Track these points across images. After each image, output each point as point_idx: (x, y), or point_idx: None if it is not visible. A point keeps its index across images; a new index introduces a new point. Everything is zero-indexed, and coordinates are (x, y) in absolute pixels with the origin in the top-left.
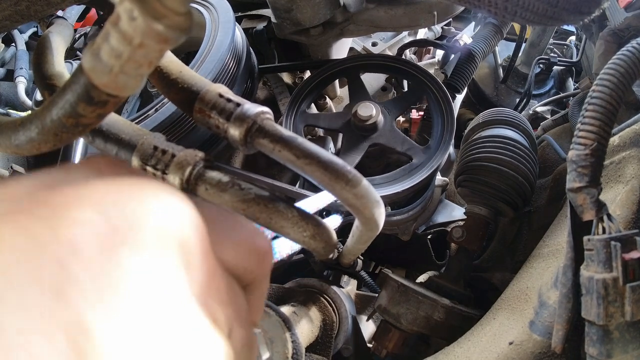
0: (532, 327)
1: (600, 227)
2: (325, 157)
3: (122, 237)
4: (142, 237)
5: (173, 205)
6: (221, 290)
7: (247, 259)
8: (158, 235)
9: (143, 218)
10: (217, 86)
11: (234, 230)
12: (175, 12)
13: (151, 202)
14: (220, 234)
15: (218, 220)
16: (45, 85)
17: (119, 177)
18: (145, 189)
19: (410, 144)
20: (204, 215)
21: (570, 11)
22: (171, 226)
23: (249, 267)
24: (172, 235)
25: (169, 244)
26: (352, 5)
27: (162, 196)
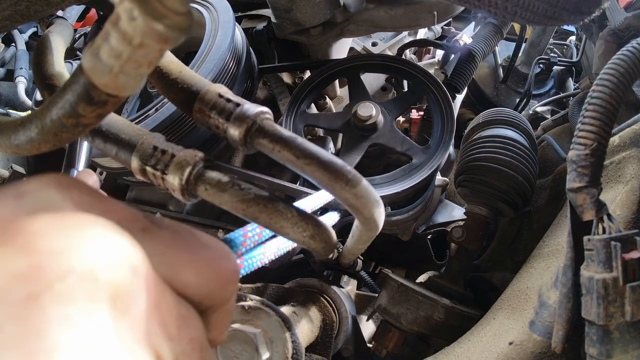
0: (532, 327)
1: (600, 227)
2: (325, 157)
3: (48, 287)
4: (68, 286)
5: (108, 247)
6: (167, 324)
7: (207, 283)
8: (86, 283)
9: (72, 265)
10: (216, 86)
11: (195, 253)
12: (175, 12)
13: (84, 245)
14: (179, 257)
15: (178, 243)
16: (45, 85)
17: (61, 213)
18: (83, 229)
19: (410, 144)
20: (161, 237)
21: (570, 11)
22: (102, 271)
23: (209, 292)
24: (102, 281)
25: (98, 291)
26: (352, 5)
27: (99, 237)
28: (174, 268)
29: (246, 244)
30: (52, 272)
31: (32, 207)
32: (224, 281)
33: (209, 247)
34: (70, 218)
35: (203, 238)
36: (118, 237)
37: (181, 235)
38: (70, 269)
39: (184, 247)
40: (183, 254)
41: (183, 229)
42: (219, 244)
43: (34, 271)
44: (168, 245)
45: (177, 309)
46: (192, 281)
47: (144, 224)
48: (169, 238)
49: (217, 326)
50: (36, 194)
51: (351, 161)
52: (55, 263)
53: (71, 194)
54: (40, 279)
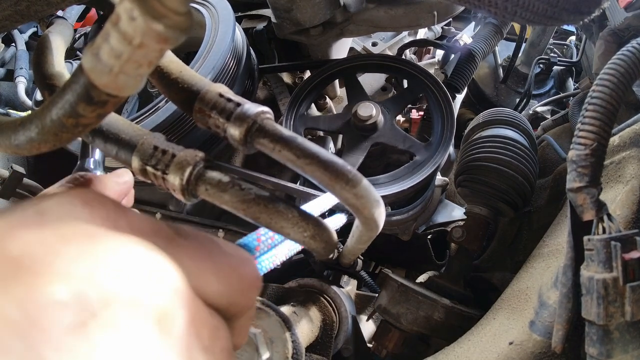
0: (532, 327)
1: (600, 227)
2: (326, 157)
3: (93, 314)
4: (113, 313)
5: (147, 269)
6: (203, 337)
7: (232, 290)
8: (131, 309)
9: (115, 291)
10: (217, 86)
11: (218, 262)
12: (175, 12)
13: (125, 269)
14: (204, 267)
15: (202, 253)
16: (45, 85)
17: (94, 234)
18: (119, 252)
19: (411, 141)
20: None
21: (570, 11)
22: (145, 296)
23: (234, 299)
24: (146, 305)
25: (143, 316)
26: (352, 5)
27: (136, 258)
28: (200, 278)
29: (260, 248)
30: (96, 299)
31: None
32: (248, 288)
33: (231, 255)
34: (104, 240)
35: (224, 246)
36: (155, 257)
37: (204, 244)
38: (115, 295)
39: (208, 256)
40: (208, 264)
41: (204, 238)
42: (240, 250)
43: (77, 299)
44: (193, 256)
45: (210, 320)
46: (217, 290)
47: (168, 235)
48: (193, 248)
49: (240, 332)
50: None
51: (354, 161)
52: (99, 289)
53: (97, 209)
54: (84, 307)
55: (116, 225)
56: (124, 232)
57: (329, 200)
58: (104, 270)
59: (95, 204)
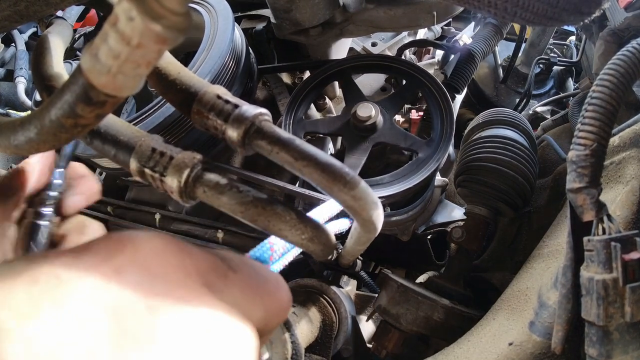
0: (531, 327)
1: (600, 227)
2: (323, 159)
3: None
4: None
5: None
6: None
7: (270, 316)
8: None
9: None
10: (215, 87)
11: (261, 292)
12: (174, 12)
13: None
14: (252, 301)
15: (250, 287)
16: (43, 86)
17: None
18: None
19: (413, 139)
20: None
21: (570, 12)
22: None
23: (270, 322)
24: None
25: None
26: (352, 6)
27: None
28: (248, 310)
29: (273, 257)
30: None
31: (142, 293)
32: (284, 310)
33: (269, 281)
34: (201, 312)
35: (262, 272)
36: (237, 326)
37: (250, 275)
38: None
39: (254, 288)
40: (256, 297)
41: (249, 267)
42: (274, 274)
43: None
44: (243, 290)
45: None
46: (260, 316)
47: (223, 270)
48: (242, 283)
49: (264, 343)
50: (137, 269)
51: (357, 163)
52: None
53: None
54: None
55: (185, 272)
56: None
57: (334, 206)
58: (195, 348)
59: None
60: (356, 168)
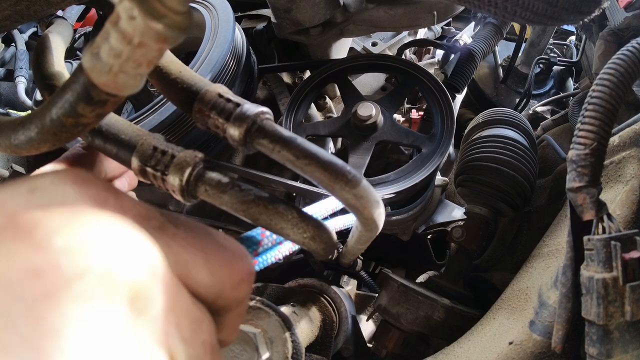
0: (532, 327)
1: (600, 226)
2: (325, 158)
3: (66, 285)
4: (86, 285)
5: (126, 246)
6: (184, 327)
7: (221, 283)
8: (104, 283)
9: (90, 264)
10: (216, 86)
11: (210, 253)
12: (175, 11)
13: (103, 244)
14: (194, 256)
15: (193, 242)
16: (44, 85)
17: (77, 209)
18: (100, 227)
19: (415, 135)
20: (177, 235)
21: (570, 11)
22: (121, 271)
23: (222, 292)
24: (121, 281)
25: (116, 291)
26: (352, 5)
27: (117, 235)
28: (188, 268)
29: (263, 243)
30: (70, 270)
31: (47, 202)
32: (238, 282)
33: (224, 247)
34: (88, 215)
35: (218, 237)
36: (137, 236)
37: (196, 234)
38: (89, 268)
39: (199, 246)
40: (198, 254)
41: (198, 227)
42: (235, 244)
43: (50, 269)
44: (183, 244)
45: (192, 311)
46: (205, 281)
47: (160, 221)
48: (184, 237)
49: (228, 327)
50: (51, 188)
51: (361, 162)
52: (73, 261)
53: (87, 189)
54: (57, 276)
55: (104, 204)
56: (112, 211)
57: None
58: (82, 243)
59: (87, 183)
60: (361, 167)
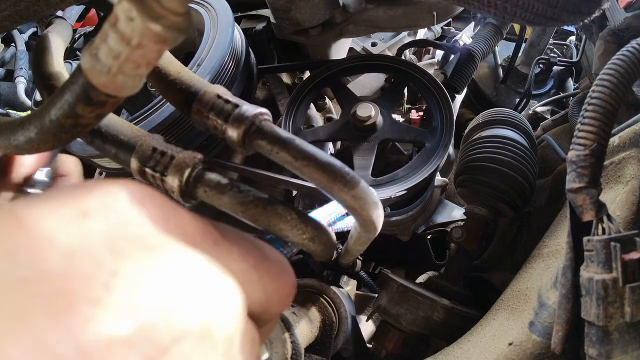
0: (531, 327)
1: (600, 227)
2: (323, 159)
3: (163, 352)
4: (186, 347)
5: (214, 293)
6: (245, 351)
7: (270, 300)
8: (203, 343)
9: (186, 323)
10: (215, 87)
11: (262, 270)
12: (173, 12)
13: (195, 298)
14: (248, 275)
15: (248, 260)
16: (44, 86)
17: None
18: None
19: (416, 130)
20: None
21: (570, 12)
22: (217, 328)
23: (270, 307)
24: (218, 337)
25: (215, 348)
26: (352, 6)
27: (201, 280)
28: (245, 288)
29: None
30: (166, 333)
31: (108, 235)
32: (285, 296)
33: (272, 262)
34: (165, 253)
35: (265, 249)
36: (221, 279)
37: (247, 247)
38: (187, 330)
39: (251, 262)
40: (252, 271)
41: (246, 240)
42: (278, 255)
43: (143, 334)
44: (239, 262)
45: (251, 332)
46: (258, 297)
47: (215, 237)
48: (239, 254)
49: (265, 334)
50: (106, 213)
51: (367, 163)
52: (168, 323)
53: (147, 209)
54: (152, 343)
55: (167, 227)
56: (177, 236)
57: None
58: (173, 297)
59: (145, 201)
60: (367, 168)
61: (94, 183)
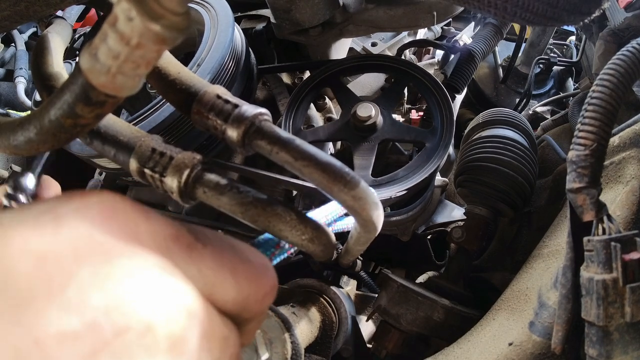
0: (531, 327)
1: (600, 227)
2: (323, 159)
3: (106, 344)
4: (127, 342)
5: (163, 293)
6: (214, 348)
7: (247, 299)
8: (145, 338)
9: (129, 319)
10: (215, 87)
11: (237, 270)
12: (173, 12)
13: (139, 297)
14: (221, 274)
15: (221, 261)
16: (43, 86)
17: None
18: (135, 276)
19: (416, 130)
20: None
21: (570, 12)
22: (160, 323)
23: (248, 306)
24: (161, 333)
25: (156, 344)
26: (352, 6)
27: (152, 282)
28: (216, 286)
29: (280, 245)
30: (109, 328)
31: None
32: (263, 296)
33: (249, 262)
34: (120, 258)
35: (244, 251)
36: (172, 279)
37: (223, 249)
38: (129, 325)
39: (226, 264)
40: (226, 272)
41: (224, 243)
42: (259, 256)
43: (89, 328)
44: (212, 265)
45: (221, 330)
46: (232, 297)
47: (188, 240)
48: (212, 256)
49: (248, 334)
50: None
51: (367, 164)
52: (112, 320)
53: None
54: (95, 338)
55: (136, 233)
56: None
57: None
58: (118, 297)
59: (115, 210)
60: (367, 169)
61: (72, 193)
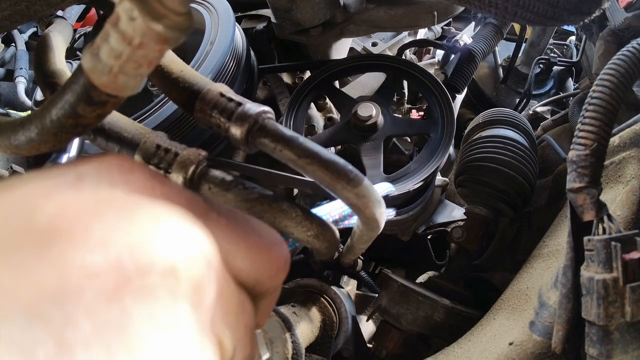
0: (532, 327)
1: (601, 227)
2: (327, 157)
3: (129, 283)
4: (150, 282)
5: (184, 238)
6: (230, 312)
7: (260, 272)
8: (168, 279)
9: (152, 260)
10: (218, 85)
11: (250, 240)
12: (175, 12)
13: (162, 238)
14: (235, 243)
15: (235, 230)
16: (46, 83)
17: (131, 201)
18: (157, 220)
19: (419, 123)
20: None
21: (571, 11)
22: (183, 266)
23: (261, 279)
24: (183, 275)
25: (179, 286)
26: (352, 6)
27: (174, 227)
28: (230, 255)
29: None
30: (132, 267)
31: (97, 193)
32: (276, 269)
33: (262, 235)
34: (142, 207)
35: (257, 225)
36: (192, 228)
37: (237, 221)
38: (151, 265)
39: (240, 234)
40: (240, 242)
41: (238, 215)
42: (272, 232)
43: (112, 266)
44: (226, 232)
45: (237, 295)
46: (246, 268)
47: (204, 208)
48: (226, 225)
49: (262, 311)
50: (99, 177)
51: (377, 162)
52: (135, 258)
53: (134, 177)
54: (119, 274)
55: (152, 193)
56: (160, 200)
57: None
58: (141, 238)
59: (133, 172)
60: (378, 167)
61: (91, 156)
